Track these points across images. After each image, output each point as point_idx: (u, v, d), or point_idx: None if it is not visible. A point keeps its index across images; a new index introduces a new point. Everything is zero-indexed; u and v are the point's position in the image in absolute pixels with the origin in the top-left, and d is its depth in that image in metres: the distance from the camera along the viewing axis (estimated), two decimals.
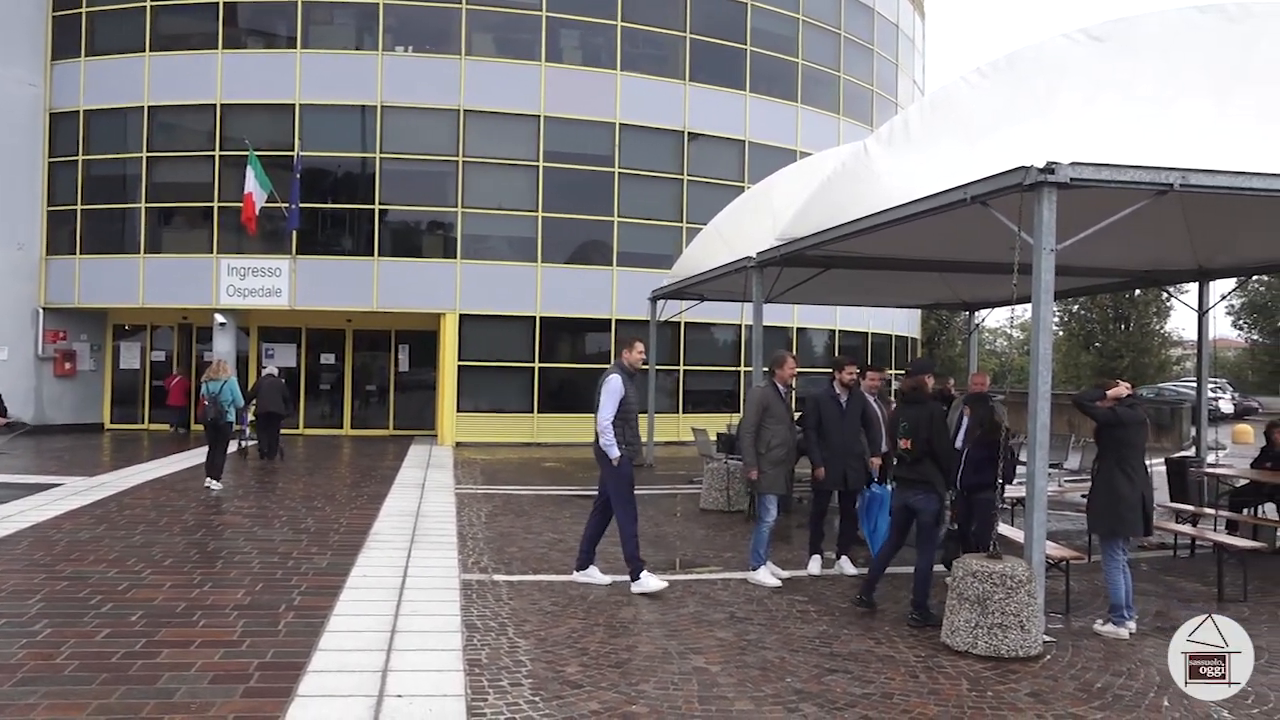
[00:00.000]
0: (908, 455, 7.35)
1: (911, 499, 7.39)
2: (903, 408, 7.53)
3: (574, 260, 22.94)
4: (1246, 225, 10.37)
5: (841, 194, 9.25)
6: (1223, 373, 55.93)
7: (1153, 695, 5.78)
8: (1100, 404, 7.21)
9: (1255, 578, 8.90)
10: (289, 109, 21.58)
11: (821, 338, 26.78)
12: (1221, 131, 7.01)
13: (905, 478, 7.43)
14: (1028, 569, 6.52)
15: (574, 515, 12.03)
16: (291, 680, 5.65)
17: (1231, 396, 41.39)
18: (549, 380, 22.79)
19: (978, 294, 17.14)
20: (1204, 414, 14.08)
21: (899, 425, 7.43)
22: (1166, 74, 7.26)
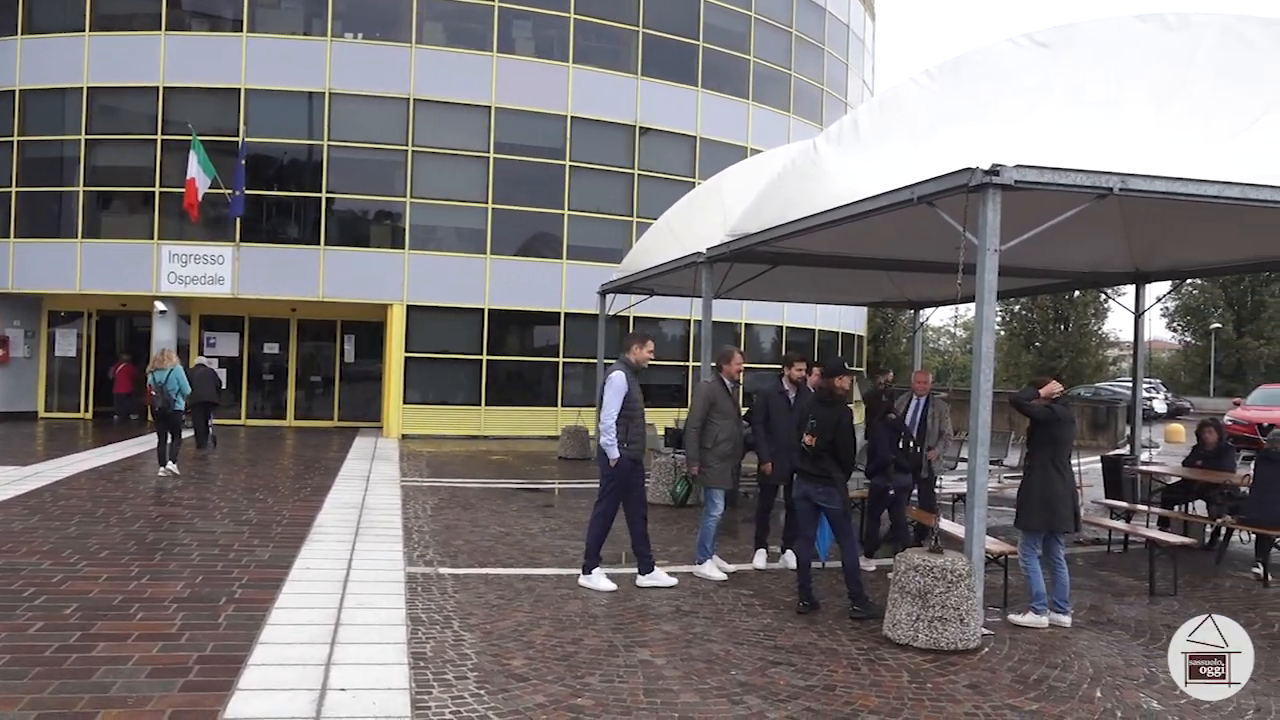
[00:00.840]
0: (809, 450, 7.52)
1: (812, 492, 7.55)
2: (814, 405, 7.65)
3: (524, 253, 22.84)
4: (1182, 230, 10.64)
5: (791, 191, 9.32)
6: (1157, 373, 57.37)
7: (1086, 686, 5.92)
8: (1034, 402, 7.37)
9: (1185, 572, 9.16)
10: (234, 94, 21.19)
11: (769, 334, 26.97)
12: (1159, 137, 7.19)
13: (807, 471, 7.57)
14: (967, 563, 6.64)
15: (520, 509, 12.01)
16: (232, 674, 5.57)
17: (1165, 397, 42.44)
18: (497, 373, 22.68)
19: (923, 293, 17.38)
20: (1139, 413, 14.44)
21: (807, 420, 7.58)
22: (1108, 80, 7.42)
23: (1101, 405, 27.08)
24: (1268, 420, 21.89)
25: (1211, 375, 56.45)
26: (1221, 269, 13.58)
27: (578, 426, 18.39)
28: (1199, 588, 8.79)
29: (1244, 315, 56.08)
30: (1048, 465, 7.31)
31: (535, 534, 10.32)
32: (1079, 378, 52.94)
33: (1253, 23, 7.61)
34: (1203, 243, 11.21)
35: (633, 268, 16.20)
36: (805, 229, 9.03)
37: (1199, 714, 5.53)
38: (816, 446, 7.49)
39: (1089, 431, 25.97)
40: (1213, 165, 6.97)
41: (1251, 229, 9.73)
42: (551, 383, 23.20)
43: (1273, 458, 9.46)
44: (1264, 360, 54.80)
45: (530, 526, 10.75)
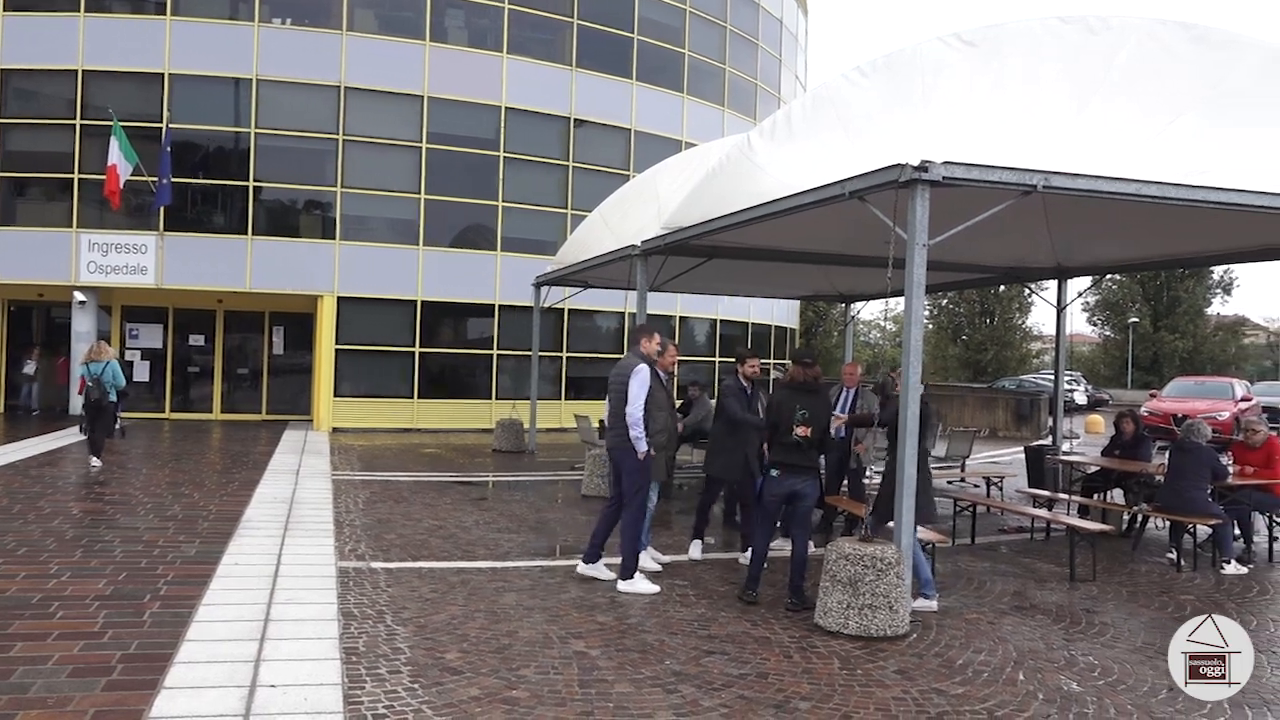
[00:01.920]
0: (805, 442, 7.40)
1: (800, 485, 7.46)
2: (798, 394, 7.52)
3: (457, 244, 22.64)
4: (1102, 227, 10.96)
5: (725, 185, 9.39)
6: (1078, 366, 58.95)
7: (1009, 671, 6.09)
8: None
9: (1104, 558, 9.46)
10: (157, 79, 20.61)
11: (704, 327, 27.13)
12: (1082, 137, 7.39)
13: (798, 464, 7.45)
14: (897, 552, 6.78)
15: (454, 501, 11.94)
16: (158, 672, 5.45)
17: (1085, 389, 43.60)
18: (430, 365, 22.47)
19: (854, 287, 17.65)
20: (1060, 405, 14.86)
21: (796, 412, 7.41)
22: (1033, 80, 7.61)
23: (1025, 397, 27.75)
24: (1182, 411, 22.65)
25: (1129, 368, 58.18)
26: (1139, 265, 14.01)
27: (512, 419, 18.32)
28: (1116, 573, 9.09)
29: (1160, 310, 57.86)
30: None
31: (469, 527, 10.26)
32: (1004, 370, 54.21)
33: (1171, 27, 7.87)
34: (1122, 240, 11.57)
35: (568, 260, 16.17)
36: (739, 223, 9.11)
37: (1115, 694, 5.73)
38: (812, 437, 7.39)
39: (1013, 423, 26.62)
40: (1132, 165, 7.19)
41: (1168, 227, 10.07)
42: (486, 375, 23.06)
43: (1186, 448, 9.79)
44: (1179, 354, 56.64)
45: (464, 520, 10.69)
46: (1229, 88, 7.76)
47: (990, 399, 28.93)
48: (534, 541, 9.65)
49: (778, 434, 7.50)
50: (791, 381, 7.67)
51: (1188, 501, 9.60)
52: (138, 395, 21.74)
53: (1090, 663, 6.30)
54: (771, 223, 8.83)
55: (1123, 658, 6.42)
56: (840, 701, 5.44)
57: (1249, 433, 10.88)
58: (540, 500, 12.36)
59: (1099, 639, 6.86)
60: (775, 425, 7.51)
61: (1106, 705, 5.54)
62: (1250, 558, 9.80)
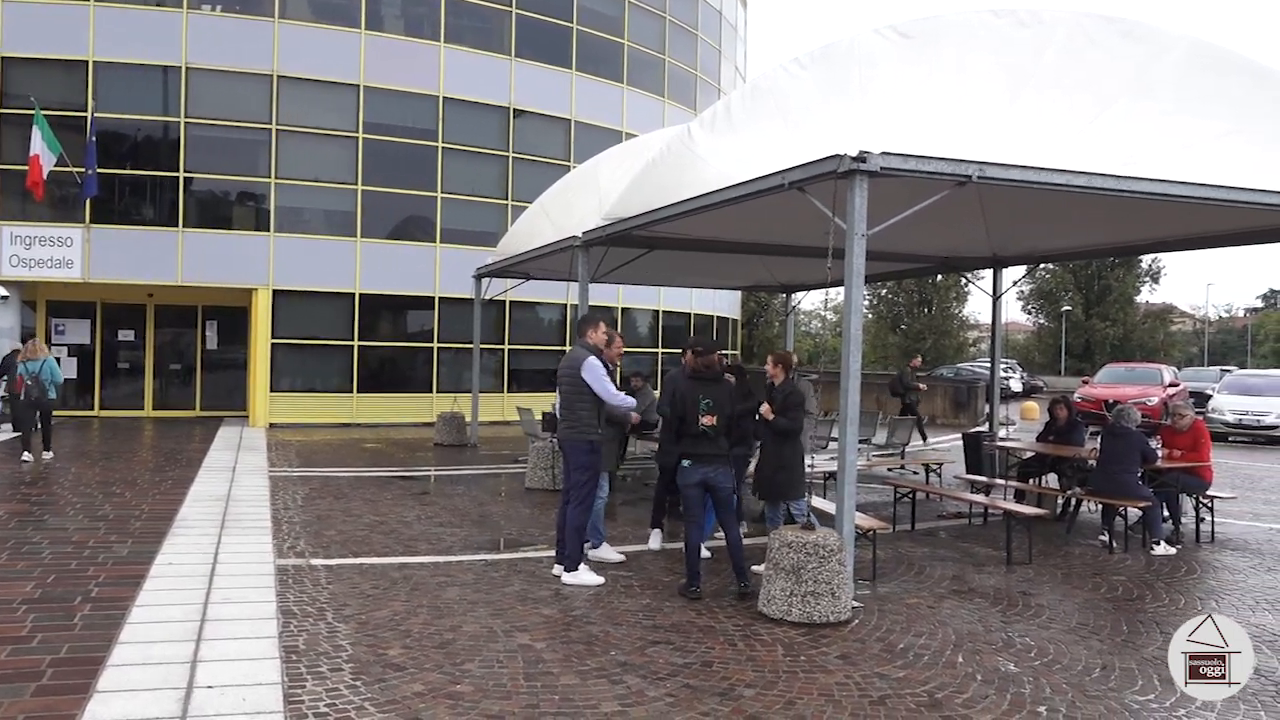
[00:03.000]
0: (711, 431, 7.43)
1: (713, 475, 7.46)
2: (699, 384, 7.52)
3: (395, 236, 22.37)
4: (1035, 217, 11.19)
5: (666, 176, 9.40)
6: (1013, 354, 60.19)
7: (949, 653, 6.20)
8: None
9: (1039, 541, 9.69)
10: (81, 66, 20.02)
11: (646, 317, 27.17)
12: (1014, 128, 7.53)
13: (708, 454, 7.45)
14: (839, 539, 6.86)
15: (395, 497, 11.83)
16: (89, 676, 5.33)
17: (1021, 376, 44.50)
18: (369, 359, 22.20)
19: (795, 277, 17.81)
20: (996, 392, 15.16)
21: (699, 402, 7.41)
22: (966, 71, 7.73)
23: (963, 385, 28.25)
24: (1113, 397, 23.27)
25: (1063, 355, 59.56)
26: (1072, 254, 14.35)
27: (454, 413, 18.18)
28: (1051, 556, 9.31)
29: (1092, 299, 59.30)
30: (796, 442, 8.35)
31: (411, 522, 10.18)
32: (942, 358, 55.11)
33: (1098, 20, 8.05)
34: (1055, 229, 11.83)
35: (508, 251, 16.09)
36: (680, 213, 9.13)
37: (1051, 674, 5.87)
38: (717, 426, 7.44)
39: (951, 410, 27.09)
40: (1063, 155, 7.35)
41: (1099, 217, 10.32)
42: (426, 368, 22.85)
43: (1117, 432, 10.06)
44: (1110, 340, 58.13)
45: (406, 515, 10.60)
46: (1154, 79, 7.97)
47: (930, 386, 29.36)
48: (477, 535, 9.60)
49: (684, 425, 7.51)
50: (692, 372, 7.67)
51: (1119, 485, 9.87)
52: (65, 393, 21.13)
53: (1027, 644, 6.45)
54: (712, 213, 8.87)
55: (1058, 638, 6.58)
56: (784, 688, 5.50)
57: (1176, 417, 11.21)
58: (483, 494, 12.30)
59: (1035, 620, 7.02)
60: (682, 417, 7.52)
61: (1043, 685, 5.68)
62: (1179, 538, 10.11)
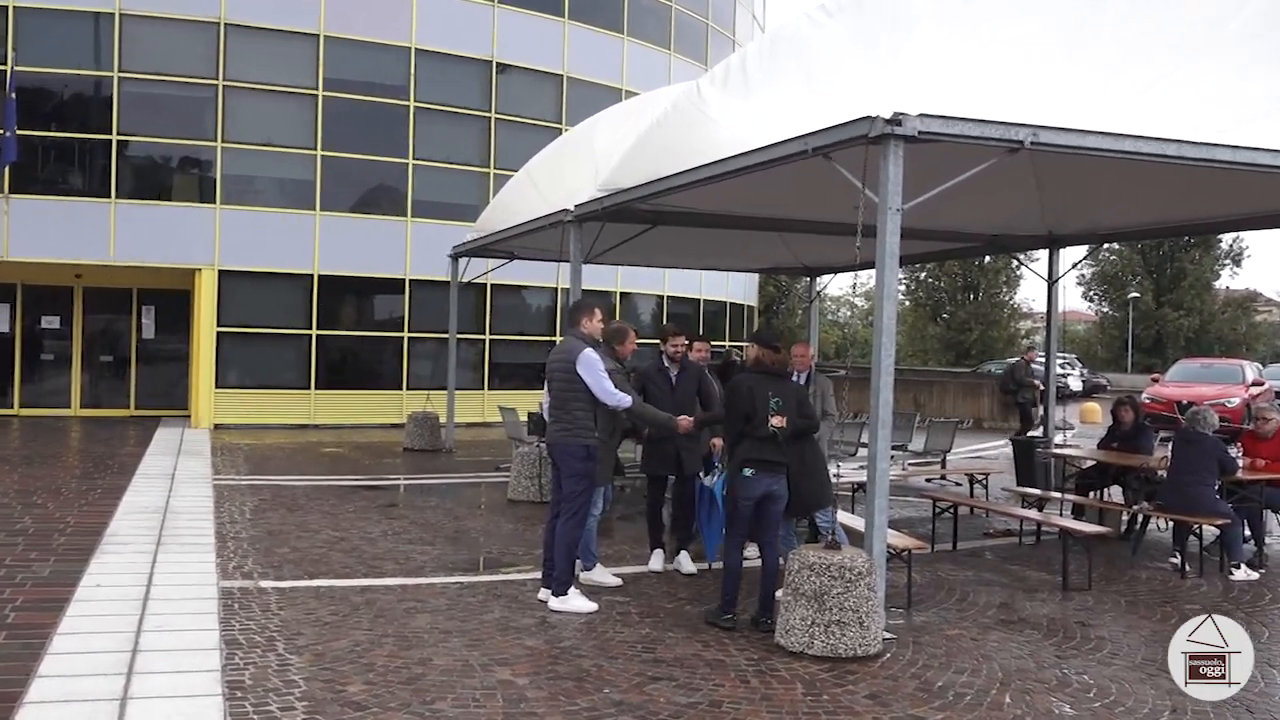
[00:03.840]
0: (780, 434, 7.36)
1: (775, 485, 7.42)
2: (768, 381, 7.51)
3: (360, 209, 22.38)
4: (1097, 189, 11.16)
5: (671, 141, 9.38)
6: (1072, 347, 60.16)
7: (994, 692, 6.20)
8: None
9: (1100, 564, 9.68)
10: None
11: (649, 304, 27.17)
12: (1071, 87, 7.51)
13: (774, 460, 7.39)
14: (867, 560, 6.85)
15: (358, 509, 11.85)
16: (3, 714, 5.33)
17: (1080, 373, 44.49)
18: (329, 350, 22.21)
19: (819, 257, 17.79)
20: (1052, 391, 15.17)
21: (770, 400, 7.37)
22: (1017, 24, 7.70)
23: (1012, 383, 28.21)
24: (1187, 398, 23.20)
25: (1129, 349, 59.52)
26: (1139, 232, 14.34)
27: (426, 413, 18.20)
28: (1114, 581, 9.30)
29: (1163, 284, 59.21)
30: (818, 443, 8.14)
31: (376, 539, 10.20)
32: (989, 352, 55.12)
33: None
34: (1120, 203, 11.80)
35: (490, 227, 16.09)
36: (687, 183, 9.11)
37: (1113, 717, 5.87)
38: (787, 429, 7.37)
39: (999, 412, 27.07)
40: (1127, 118, 7.32)
41: (1170, 188, 10.28)
42: (395, 362, 22.87)
43: (1191, 438, 10.03)
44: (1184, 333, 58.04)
45: (370, 530, 10.62)
46: (1231, 33, 7.92)
47: (974, 385, 29.38)
48: (452, 554, 9.61)
49: (750, 426, 7.41)
50: (759, 366, 7.64)
51: (1193, 499, 9.84)
52: None
53: (1085, 682, 6.45)
54: (724, 183, 8.85)
55: (1121, 676, 6.58)
56: None
57: (1260, 421, 11.19)
58: (459, 506, 12.31)
59: (1095, 655, 7.02)
60: (748, 416, 7.43)
61: None
62: (1262, 561, 10.09)
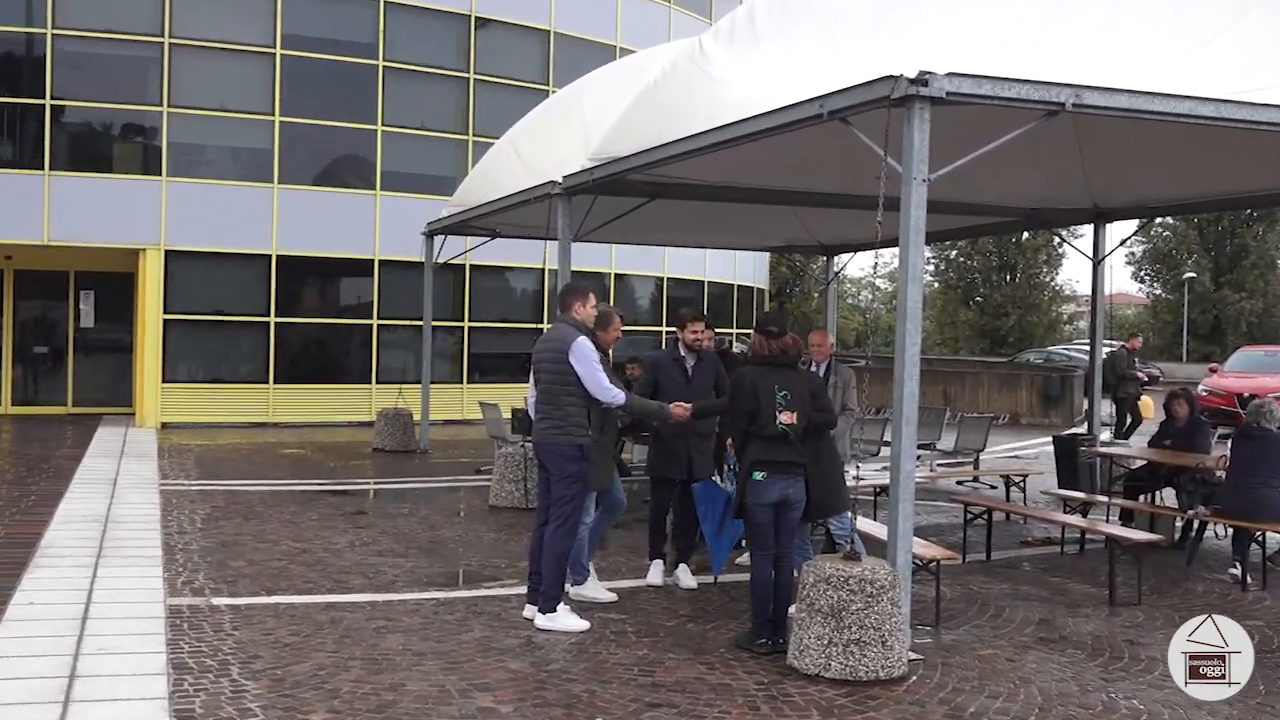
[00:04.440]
0: (791, 431, 7.32)
1: (793, 489, 7.39)
2: (774, 372, 7.44)
3: (324, 181, 22.39)
4: (1148, 156, 11.14)
5: (671, 103, 9.37)
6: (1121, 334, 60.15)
7: (1034, 719, 6.20)
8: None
9: (1151, 575, 9.68)
10: None
11: (646, 287, 27.17)
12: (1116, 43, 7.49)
13: (786, 461, 7.35)
14: (891, 572, 6.85)
15: (322, 517, 11.85)
16: None
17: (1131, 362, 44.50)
18: (290, 340, 22.22)
19: (837, 234, 17.79)
20: (1098, 383, 15.14)
21: (776, 394, 7.32)
22: None
23: (1054, 374, 28.27)
24: (1249, 390, 23.13)
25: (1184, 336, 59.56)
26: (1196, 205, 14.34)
27: (398, 410, 18.21)
28: (1167, 594, 9.30)
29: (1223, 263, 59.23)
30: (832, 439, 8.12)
31: (342, 550, 10.21)
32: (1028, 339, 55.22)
33: None
34: (1173, 173, 11.78)
35: (468, 201, 16.08)
36: (689, 151, 9.09)
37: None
38: (799, 425, 7.33)
39: (1039, 406, 27.13)
40: (1180, 77, 7.30)
41: (1230, 156, 10.26)
42: (363, 352, 22.87)
43: (1253, 435, 10.01)
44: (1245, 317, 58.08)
45: (335, 540, 10.63)
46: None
47: (1011, 376, 29.43)
48: (427, 567, 9.61)
49: (756, 424, 7.37)
50: (761, 356, 7.58)
51: (1256, 502, 9.83)
52: None
53: (1135, 708, 6.44)
54: (731, 151, 8.83)
55: (1174, 700, 6.56)
56: None
57: None
58: (435, 514, 12.33)
59: (1145, 677, 7.02)
60: (752, 414, 7.39)
61: None
62: None
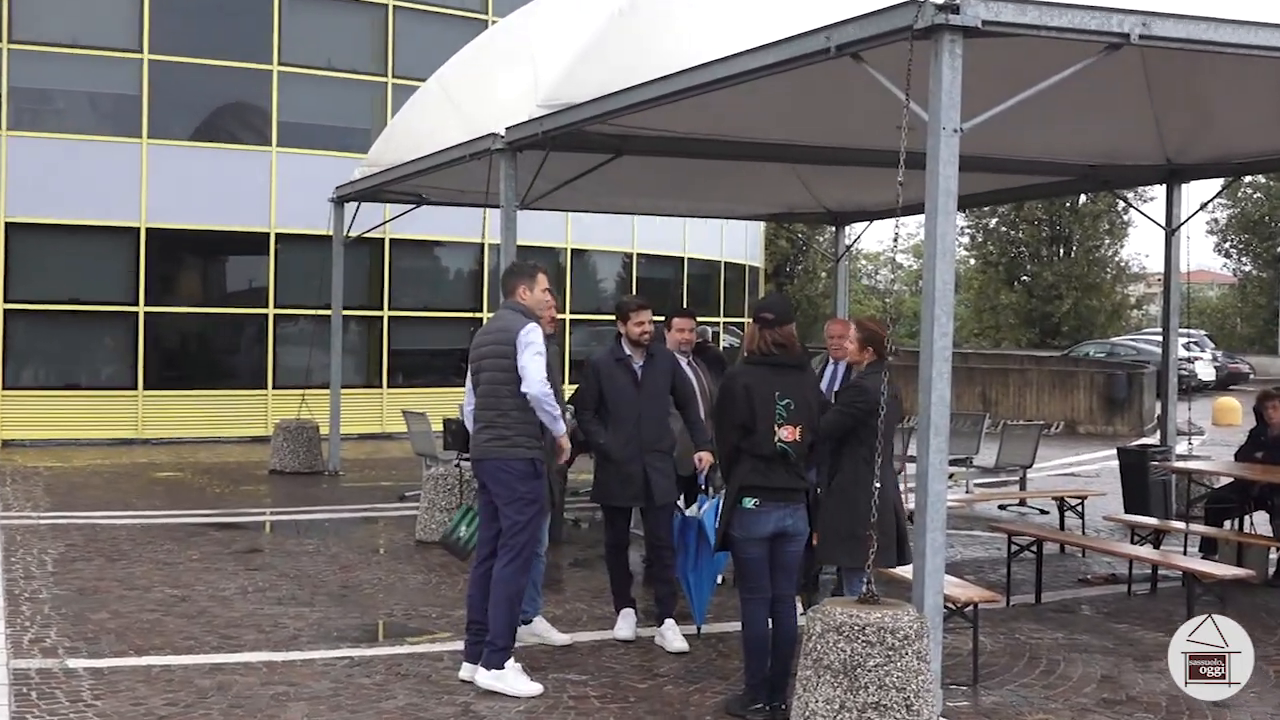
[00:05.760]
0: (792, 451, 7.32)
1: (790, 519, 7.37)
2: (774, 375, 7.36)
3: (205, 135, 22.38)
4: (1234, 100, 11.21)
5: (642, 36, 9.39)
6: (1201, 321, 60.45)
7: None
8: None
9: (1239, 619, 9.75)
10: None
11: (611, 265, 27.17)
12: None
13: (785, 487, 7.34)
14: (917, 619, 6.88)
15: (206, 557, 11.81)
16: None
17: (1213, 356, 44.74)
18: (163, 335, 22.12)
19: (849, 198, 17.81)
20: (1173, 382, 15.18)
21: (776, 404, 7.25)
22: None
23: (1119, 372, 28.42)
24: None
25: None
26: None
27: (301, 421, 18.13)
28: (1260, 643, 9.28)
29: None
30: (860, 468, 7.61)
31: (231, 598, 10.17)
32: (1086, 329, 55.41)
33: None
34: (1265, 121, 11.86)
35: (388, 160, 16.03)
36: (665, 95, 9.10)
37: None
38: (802, 442, 7.31)
39: (1100, 411, 27.28)
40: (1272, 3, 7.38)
41: None
42: (256, 350, 22.79)
43: None
44: None
45: (223, 585, 10.59)
46: None
47: (1066, 375, 29.57)
48: (338, 618, 9.60)
49: (750, 440, 7.33)
50: (757, 354, 7.52)
51: None
52: None
53: None
54: (715, 95, 8.86)
55: None
56: None
57: None
58: (349, 551, 12.32)
59: None
60: (745, 428, 7.33)
61: None
62: None
